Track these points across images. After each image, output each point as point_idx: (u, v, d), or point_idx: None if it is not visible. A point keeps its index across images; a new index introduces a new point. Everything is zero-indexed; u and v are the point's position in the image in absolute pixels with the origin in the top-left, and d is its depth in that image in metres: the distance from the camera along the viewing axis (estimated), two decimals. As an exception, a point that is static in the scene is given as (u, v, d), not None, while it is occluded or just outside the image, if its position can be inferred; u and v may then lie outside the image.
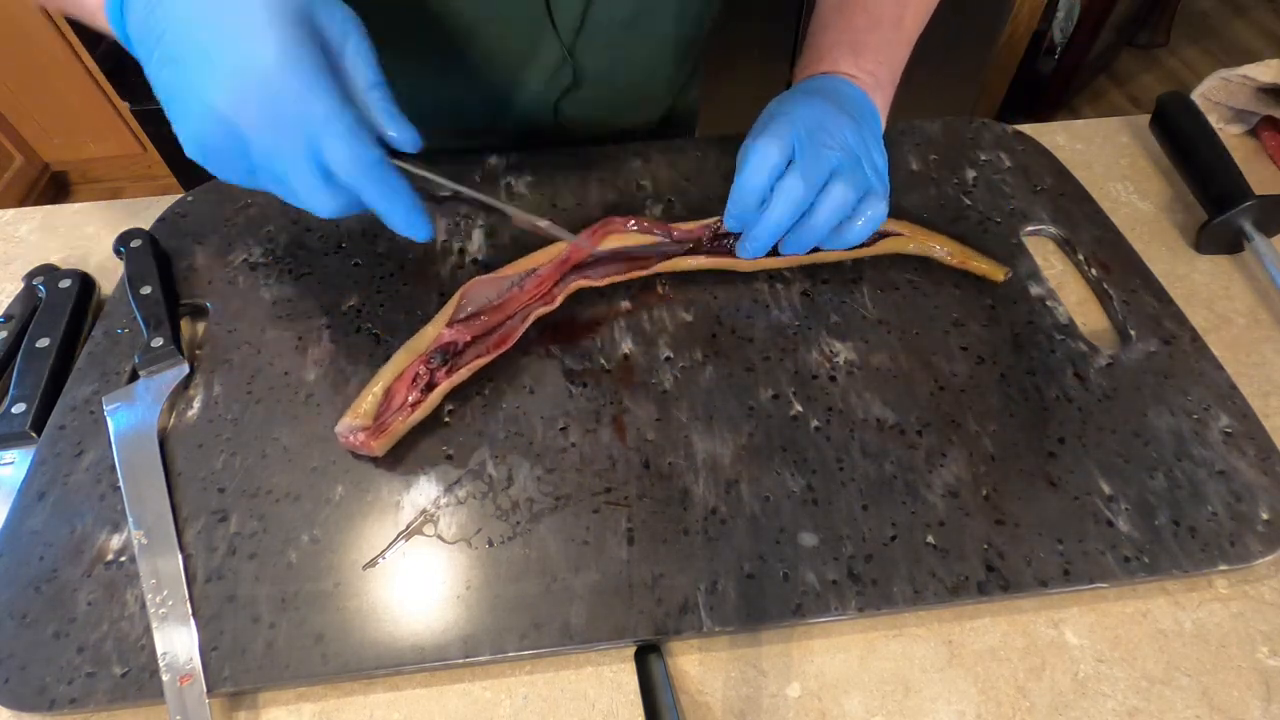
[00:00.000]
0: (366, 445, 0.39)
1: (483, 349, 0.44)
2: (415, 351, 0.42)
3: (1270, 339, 0.47)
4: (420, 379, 0.41)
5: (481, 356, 0.43)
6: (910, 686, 0.35)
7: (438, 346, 0.42)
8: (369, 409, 0.40)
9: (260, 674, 0.34)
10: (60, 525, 0.39)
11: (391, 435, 0.40)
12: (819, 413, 0.42)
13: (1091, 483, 0.39)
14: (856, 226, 0.43)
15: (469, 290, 0.45)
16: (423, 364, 0.42)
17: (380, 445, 0.40)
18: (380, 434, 0.40)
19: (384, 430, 0.40)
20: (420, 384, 0.41)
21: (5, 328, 0.47)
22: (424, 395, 0.41)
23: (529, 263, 0.46)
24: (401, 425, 0.41)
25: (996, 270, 0.48)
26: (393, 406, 0.41)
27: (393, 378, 0.41)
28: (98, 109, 1.64)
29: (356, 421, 0.39)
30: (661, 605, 0.36)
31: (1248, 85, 0.58)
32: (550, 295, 0.46)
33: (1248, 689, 0.35)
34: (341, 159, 0.32)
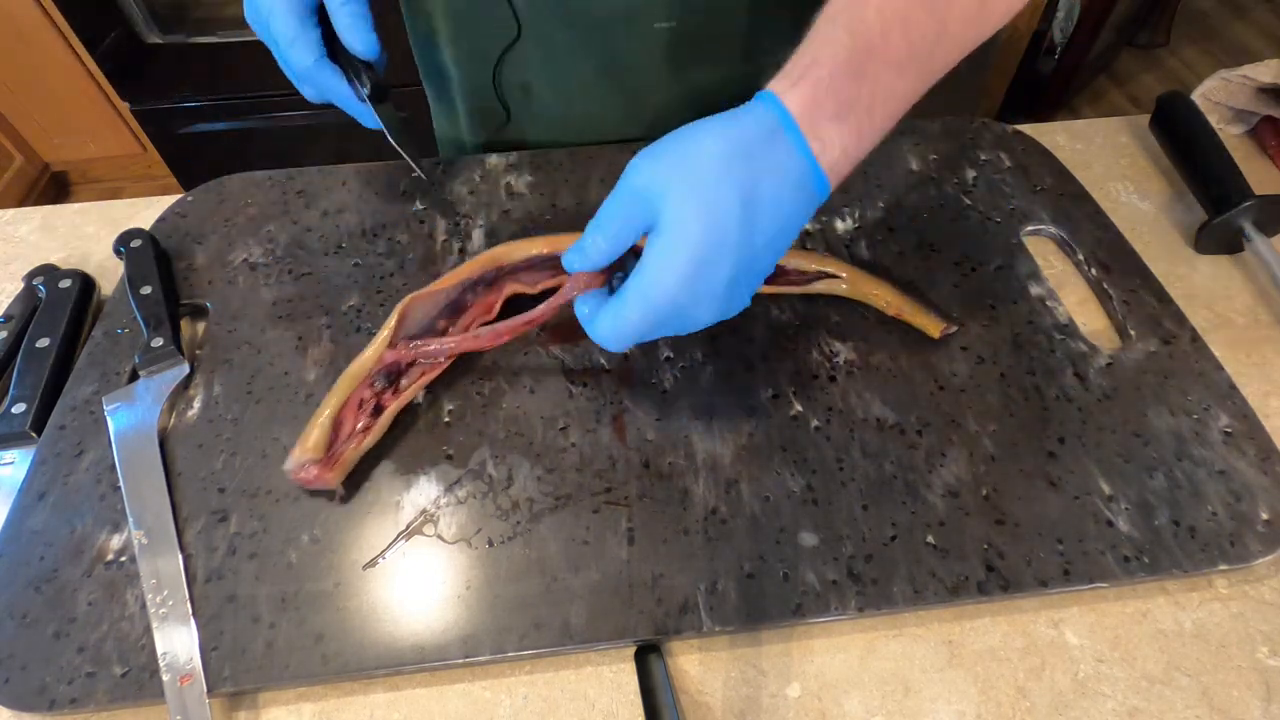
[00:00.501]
0: (321, 479, 0.38)
1: (427, 365, 0.43)
2: (357, 376, 0.40)
3: (1270, 339, 0.47)
4: (366, 404, 0.40)
5: (427, 373, 0.42)
6: (910, 686, 0.35)
7: (381, 369, 0.41)
8: (319, 440, 0.38)
9: (260, 674, 0.34)
10: (60, 525, 0.39)
11: (345, 465, 0.39)
12: (819, 413, 0.42)
13: (1091, 483, 0.39)
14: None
15: (406, 309, 0.43)
16: (367, 388, 0.41)
17: (335, 477, 0.38)
18: (333, 465, 0.38)
19: (336, 461, 0.38)
20: (367, 409, 0.40)
21: (5, 328, 0.47)
22: (373, 420, 0.40)
23: (459, 274, 0.44)
24: (354, 454, 0.39)
25: (934, 326, 0.45)
26: (342, 435, 0.39)
27: (338, 405, 0.39)
28: (98, 109, 1.64)
29: (307, 455, 0.38)
30: (661, 605, 0.36)
31: (1248, 85, 0.58)
32: (490, 304, 0.46)
33: (1248, 689, 0.35)
34: (291, 66, 0.43)
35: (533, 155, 0.57)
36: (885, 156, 0.55)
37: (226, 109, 1.48)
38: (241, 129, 1.51)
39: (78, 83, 1.58)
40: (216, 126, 1.51)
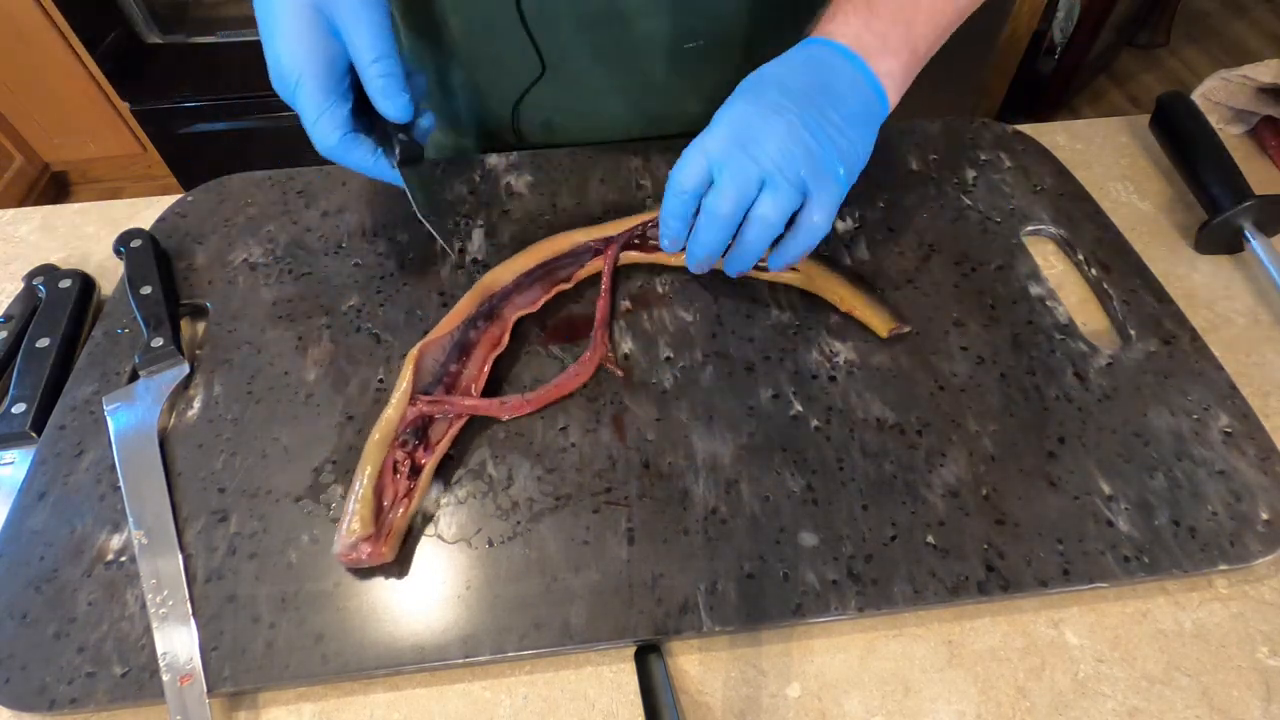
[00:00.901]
0: (376, 554, 0.36)
1: (453, 414, 0.41)
2: (386, 441, 0.39)
3: (1270, 339, 0.47)
4: (402, 466, 0.38)
5: (454, 422, 0.41)
6: (910, 686, 0.35)
7: (408, 426, 0.39)
8: (365, 515, 0.36)
9: (260, 674, 0.34)
10: (60, 525, 0.39)
11: (397, 535, 0.37)
12: (819, 413, 0.42)
13: (1091, 483, 0.39)
14: (797, 241, 0.40)
15: (420, 360, 0.42)
16: (399, 450, 0.38)
17: (390, 550, 0.36)
18: (386, 538, 0.36)
19: (388, 533, 0.36)
20: (404, 471, 0.38)
21: (5, 328, 0.47)
22: (414, 481, 0.38)
23: (457, 315, 0.44)
24: (403, 521, 0.37)
25: (882, 325, 0.44)
26: (386, 504, 0.37)
27: (375, 474, 0.37)
28: (98, 109, 1.64)
29: (355, 534, 0.35)
30: (661, 605, 0.36)
31: (1248, 85, 0.58)
32: (497, 336, 0.45)
33: (1248, 689, 0.35)
34: (315, 141, 0.42)
35: (533, 155, 0.57)
36: (885, 156, 0.55)
37: (226, 109, 1.48)
38: (241, 129, 1.51)
39: (78, 83, 1.58)
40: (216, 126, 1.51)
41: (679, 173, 0.40)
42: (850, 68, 0.40)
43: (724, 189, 0.39)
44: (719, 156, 0.39)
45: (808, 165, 0.38)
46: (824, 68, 0.40)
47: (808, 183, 0.39)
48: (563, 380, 0.43)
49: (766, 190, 0.39)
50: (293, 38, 0.40)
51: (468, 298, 0.45)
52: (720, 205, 0.39)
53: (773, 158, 0.38)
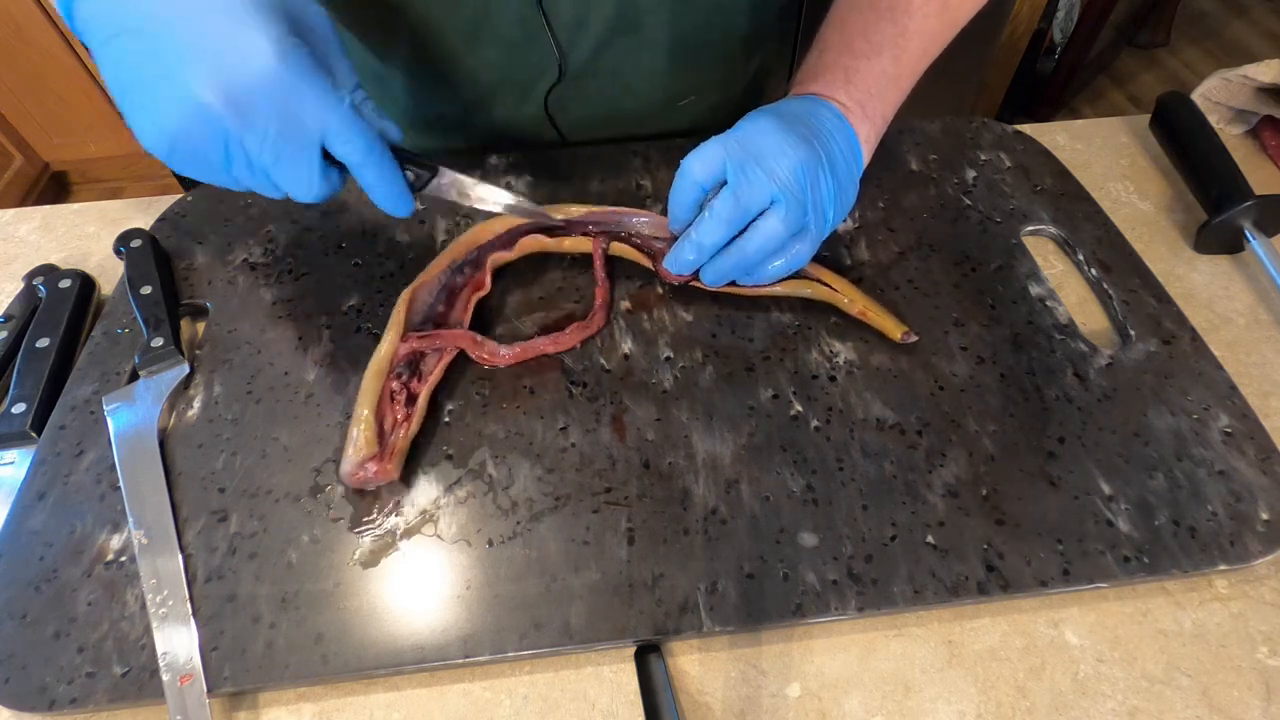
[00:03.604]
0: (382, 472, 0.39)
1: (441, 348, 0.44)
2: (381, 372, 0.41)
3: (1270, 339, 0.47)
4: (398, 395, 0.41)
5: (444, 356, 0.44)
6: (910, 686, 0.35)
7: (402, 360, 0.42)
8: (369, 436, 0.39)
9: (260, 674, 0.34)
10: (60, 525, 0.39)
11: (400, 455, 0.40)
12: (819, 413, 0.42)
13: (1091, 483, 0.39)
14: (774, 264, 0.42)
15: (413, 298, 0.45)
16: (394, 381, 0.41)
17: (394, 468, 0.39)
18: (390, 456, 0.39)
19: (391, 452, 0.39)
20: (400, 400, 0.41)
21: (5, 328, 0.47)
22: (410, 408, 0.41)
23: (444, 260, 0.47)
24: (404, 442, 0.40)
25: (895, 329, 0.45)
26: (387, 427, 0.40)
27: (374, 401, 0.40)
28: (98, 109, 1.64)
29: (362, 453, 0.38)
30: (661, 605, 0.36)
31: (1248, 85, 0.58)
32: (480, 280, 0.47)
33: (1248, 689, 0.35)
34: (353, 145, 0.34)
35: (533, 155, 0.57)
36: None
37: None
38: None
39: (78, 83, 1.58)
40: (216, 126, 1.51)
41: (692, 161, 0.41)
42: (841, 125, 0.43)
43: (736, 193, 0.40)
44: (738, 160, 0.40)
45: (813, 197, 0.40)
46: (823, 120, 0.42)
47: (809, 217, 0.41)
48: (541, 342, 0.45)
49: (778, 207, 0.40)
50: None
51: (455, 246, 0.48)
52: (728, 209, 0.40)
53: (788, 179, 0.39)
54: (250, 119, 0.32)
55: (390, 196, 0.37)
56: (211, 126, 0.32)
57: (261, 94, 0.31)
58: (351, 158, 0.35)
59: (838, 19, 0.47)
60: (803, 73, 0.47)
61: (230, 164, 0.34)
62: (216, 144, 0.32)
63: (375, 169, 0.36)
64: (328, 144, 0.34)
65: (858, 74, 0.44)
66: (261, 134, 0.32)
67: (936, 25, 0.45)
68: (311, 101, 0.32)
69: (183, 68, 0.30)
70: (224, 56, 0.30)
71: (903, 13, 0.44)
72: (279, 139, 0.32)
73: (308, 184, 0.35)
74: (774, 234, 0.41)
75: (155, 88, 0.31)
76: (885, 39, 0.44)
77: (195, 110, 0.31)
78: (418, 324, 0.45)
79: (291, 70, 0.31)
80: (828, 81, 0.44)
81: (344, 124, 0.33)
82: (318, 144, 0.34)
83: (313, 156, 0.34)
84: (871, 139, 0.45)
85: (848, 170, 0.42)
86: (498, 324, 0.47)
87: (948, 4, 0.45)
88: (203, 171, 0.34)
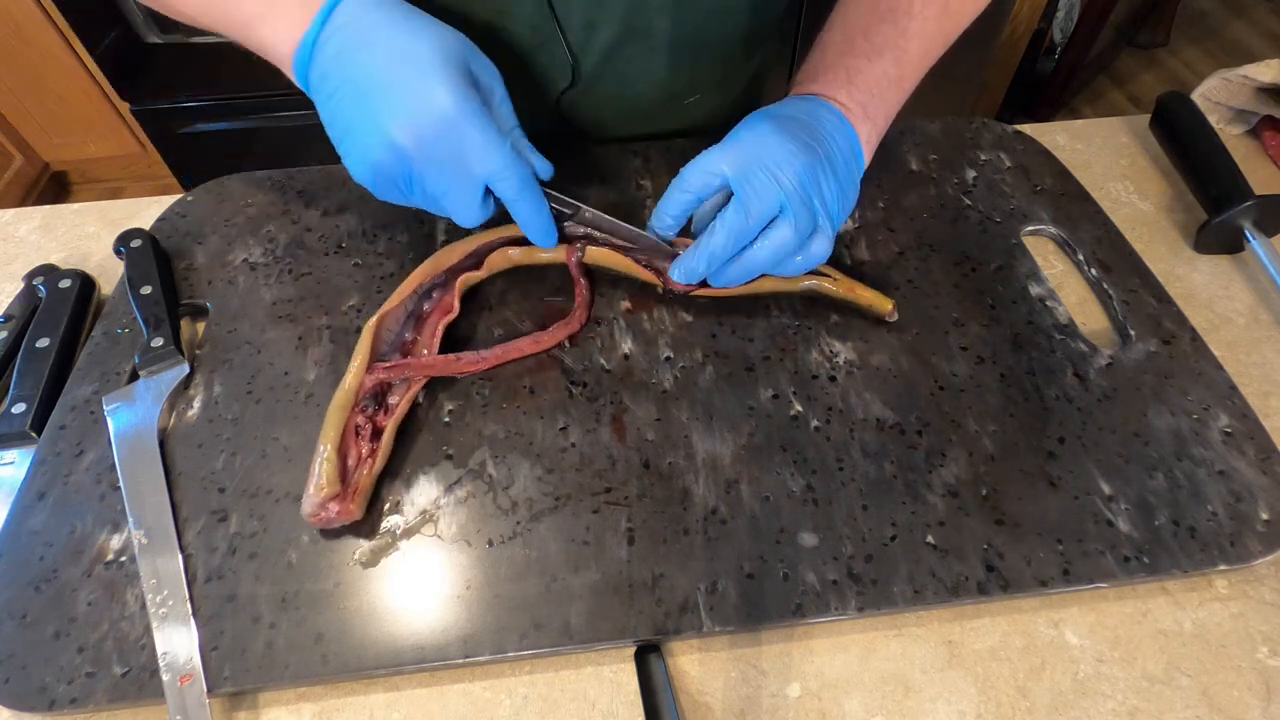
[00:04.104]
0: (344, 513, 0.37)
1: (410, 378, 0.42)
2: (345, 406, 0.40)
3: (1270, 339, 0.47)
4: (364, 429, 0.40)
5: (412, 386, 0.42)
6: (910, 686, 0.35)
7: (367, 393, 0.41)
8: (330, 474, 0.37)
9: (260, 674, 0.34)
10: (60, 525, 0.39)
11: (364, 494, 0.38)
12: (819, 413, 0.42)
13: (1091, 483, 0.39)
14: (795, 261, 0.42)
15: (379, 328, 0.43)
16: (359, 414, 0.40)
17: (358, 508, 0.38)
18: (353, 495, 0.38)
19: (354, 491, 0.38)
20: (365, 434, 0.40)
21: (5, 328, 0.47)
22: (375, 443, 0.40)
23: (410, 285, 0.45)
24: (369, 480, 0.39)
25: (884, 302, 0.45)
26: (351, 465, 0.39)
27: (337, 437, 0.39)
28: (98, 109, 1.64)
29: (323, 493, 0.37)
30: (661, 605, 0.36)
31: (1248, 85, 0.58)
32: (449, 304, 0.46)
33: (1248, 689, 0.35)
34: (509, 183, 0.40)
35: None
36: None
37: (226, 109, 1.48)
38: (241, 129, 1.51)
39: (78, 83, 1.58)
40: (216, 126, 1.51)
41: (691, 173, 0.42)
42: (842, 125, 0.43)
43: (746, 206, 0.40)
44: (744, 170, 0.40)
45: (819, 202, 0.41)
46: (823, 121, 0.43)
47: (819, 219, 0.41)
48: (521, 342, 0.45)
49: (787, 215, 0.40)
50: None
51: (420, 270, 0.46)
52: (739, 222, 0.40)
53: (794, 186, 0.40)
54: (429, 156, 0.38)
55: (538, 229, 0.43)
56: (401, 162, 0.38)
57: (438, 135, 0.37)
58: (508, 195, 0.40)
59: (840, 20, 0.47)
60: (803, 72, 0.47)
61: (411, 192, 0.40)
62: (403, 176, 0.39)
63: (527, 205, 0.41)
64: (489, 182, 0.40)
65: (859, 75, 0.44)
66: (437, 170, 0.38)
67: (937, 28, 0.45)
68: (478, 144, 0.38)
69: (383, 114, 0.37)
70: (413, 104, 0.37)
71: (904, 14, 0.44)
72: (450, 175, 0.39)
73: (470, 212, 0.40)
74: (785, 242, 0.41)
75: (363, 131, 0.38)
76: (886, 40, 0.45)
77: (391, 148, 0.37)
78: (384, 354, 0.43)
79: (463, 116, 0.37)
80: (829, 81, 0.45)
81: (504, 165, 0.39)
82: (482, 182, 0.39)
83: (476, 191, 0.40)
84: (872, 139, 0.45)
85: (848, 171, 0.43)
86: (496, 324, 0.47)
87: (948, 7, 0.45)
88: (392, 196, 0.41)
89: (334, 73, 0.38)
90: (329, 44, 0.38)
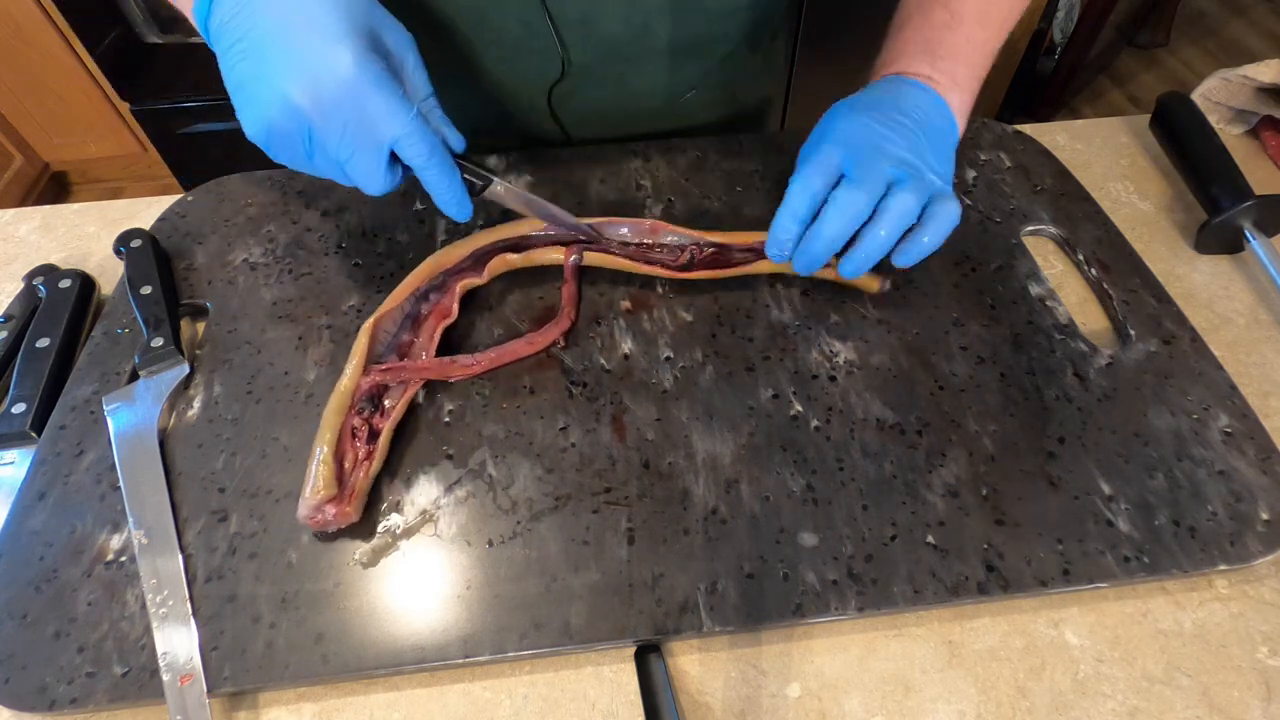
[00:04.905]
0: (341, 515, 0.37)
1: (406, 380, 0.42)
2: (341, 408, 0.40)
3: (1270, 339, 0.47)
4: (360, 432, 0.40)
5: (409, 389, 0.42)
6: (910, 686, 0.35)
7: (364, 395, 0.41)
8: (327, 477, 0.37)
9: (260, 674, 0.34)
10: (60, 525, 0.39)
11: (360, 496, 0.38)
12: (819, 413, 0.42)
13: (1091, 483, 0.39)
14: (928, 236, 0.41)
15: (375, 331, 0.43)
16: (355, 416, 0.40)
17: (354, 510, 0.38)
18: (350, 498, 0.37)
19: (351, 494, 0.38)
20: (362, 436, 0.39)
21: (5, 328, 0.47)
22: (371, 445, 0.40)
23: (408, 287, 0.45)
24: (365, 482, 0.39)
25: (871, 280, 0.46)
26: (347, 467, 0.39)
27: (333, 440, 0.39)
28: (98, 109, 1.64)
29: (320, 495, 0.36)
30: (661, 605, 0.36)
31: (1248, 85, 0.58)
32: (447, 307, 0.46)
33: (1248, 689, 0.35)
34: (416, 149, 0.38)
35: (533, 155, 0.57)
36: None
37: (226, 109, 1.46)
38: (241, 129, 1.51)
39: (78, 83, 1.58)
40: (216, 126, 1.51)
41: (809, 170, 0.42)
42: (931, 97, 0.43)
43: (860, 183, 0.40)
44: (851, 156, 0.41)
45: (928, 169, 0.41)
46: (908, 95, 0.43)
47: (933, 182, 0.41)
48: (516, 344, 0.45)
49: (900, 187, 0.40)
50: None
51: (417, 272, 0.46)
52: (855, 199, 0.40)
53: (903, 159, 0.40)
54: (329, 119, 0.36)
55: (450, 199, 0.41)
56: (298, 122, 0.37)
57: (339, 98, 0.36)
58: (415, 160, 0.39)
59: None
60: (882, 56, 0.47)
61: (312, 155, 0.38)
62: (302, 137, 0.37)
63: (436, 172, 0.39)
64: (395, 147, 0.38)
65: (941, 45, 0.44)
66: (338, 133, 0.37)
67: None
68: (381, 108, 0.36)
69: (280, 74, 0.36)
70: (312, 66, 0.36)
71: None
72: (352, 138, 0.37)
73: (375, 179, 0.39)
74: (906, 209, 0.40)
75: (258, 88, 0.37)
76: (966, 6, 0.44)
77: (286, 108, 0.36)
78: (381, 355, 0.43)
79: (366, 80, 0.36)
80: (911, 58, 0.44)
81: (410, 130, 0.37)
82: (386, 146, 0.38)
83: (381, 156, 0.38)
84: (964, 107, 0.44)
85: (944, 139, 0.43)
86: (496, 325, 0.47)
87: None
88: (290, 159, 0.39)
89: (233, 25, 0.37)
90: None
